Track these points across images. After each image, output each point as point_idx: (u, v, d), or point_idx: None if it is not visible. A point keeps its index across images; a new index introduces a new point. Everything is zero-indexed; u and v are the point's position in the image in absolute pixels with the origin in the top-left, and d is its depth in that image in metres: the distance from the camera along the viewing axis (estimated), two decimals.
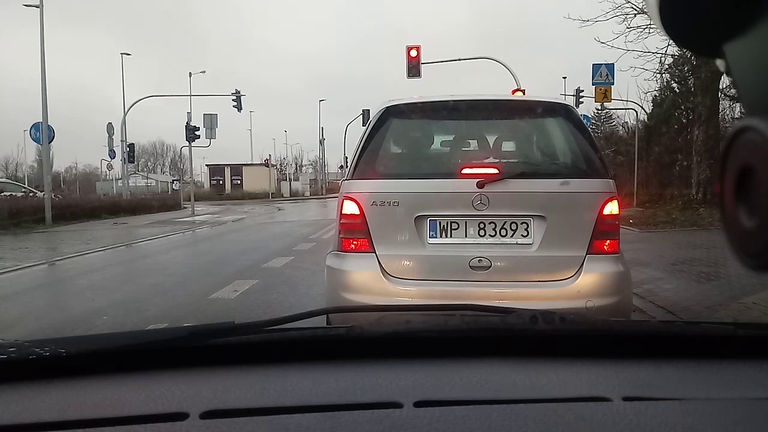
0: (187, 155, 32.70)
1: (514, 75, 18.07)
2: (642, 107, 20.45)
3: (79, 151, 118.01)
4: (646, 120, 20.61)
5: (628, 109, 21.34)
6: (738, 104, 15.43)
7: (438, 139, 3.67)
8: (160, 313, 5.54)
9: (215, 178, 56.04)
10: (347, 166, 4.13)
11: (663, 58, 15.99)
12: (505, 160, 3.33)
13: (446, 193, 2.98)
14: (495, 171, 2.96)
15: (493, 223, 2.95)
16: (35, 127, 18.83)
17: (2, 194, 20.64)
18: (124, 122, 28.51)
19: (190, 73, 36.01)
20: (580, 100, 23.06)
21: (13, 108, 74.82)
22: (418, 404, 0.83)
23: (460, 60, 19.94)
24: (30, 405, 0.88)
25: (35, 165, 62.32)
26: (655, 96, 20.20)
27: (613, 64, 15.97)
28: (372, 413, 0.81)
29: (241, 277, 7.22)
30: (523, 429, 0.76)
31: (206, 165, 59.06)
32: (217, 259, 9.53)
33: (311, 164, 67.71)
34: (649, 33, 14.21)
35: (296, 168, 66.67)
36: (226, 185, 54.29)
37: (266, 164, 53.96)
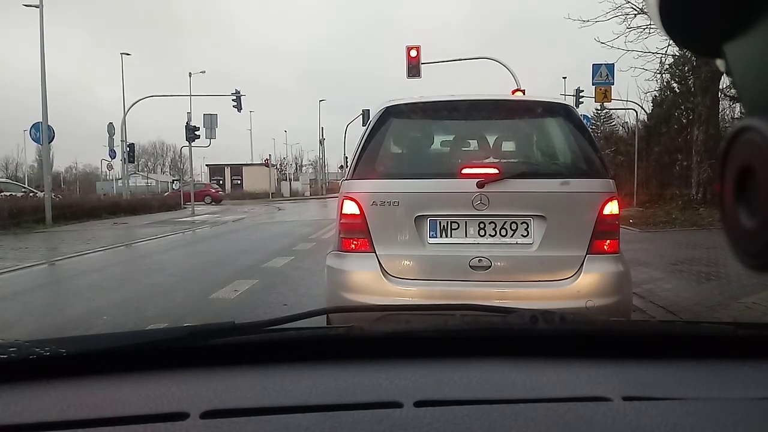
0: (187, 155, 32.70)
1: (514, 75, 18.08)
2: (642, 107, 20.46)
3: (79, 151, 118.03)
4: (646, 120, 20.59)
5: (628, 109, 21.35)
6: (738, 104, 15.43)
7: (438, 139, 3.67)
8: (160, 313, 5.54)
9: (215, 178, 56.07)
10: (347, 166, 4.13)
11: (663, 58, 16.00)
12: (505, 160, 3.33)
13: (446, 193, 2.98)
14: (495, 171, 2.96)
15: (493, 223, 2.95)
16: (35, 127, 18.83)
17: (2, 194, 20.64)
18: (124, 122, 28.53)
19: (190, 73, 36.10)
20: (580, 100, 23.07)
21: (13, 108, 74.87)
22: (418, 404, 0.83)
23: (460, 60, 19.98)
24: (30, 405, 0.88)
25: (35, 165, 62.41)
26: (655, 96, 20.19)
27: (613, 64, 15.97)
28: (372, 413, 0.81)
29: (241, 277, 7.22)
30: (523, 429, 0.76)
31: (206, 165, 59.23)
32: (217, 259, 9.52)
33: (311, 164, 67.75)
34: (649, 33, 14.20)
35: (296, 168, 66.65)
36: (226, 185, 54.34)
37: (266, 164, 53.96)
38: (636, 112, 20.36)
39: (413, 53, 17.68)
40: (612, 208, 2.94)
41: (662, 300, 5.30)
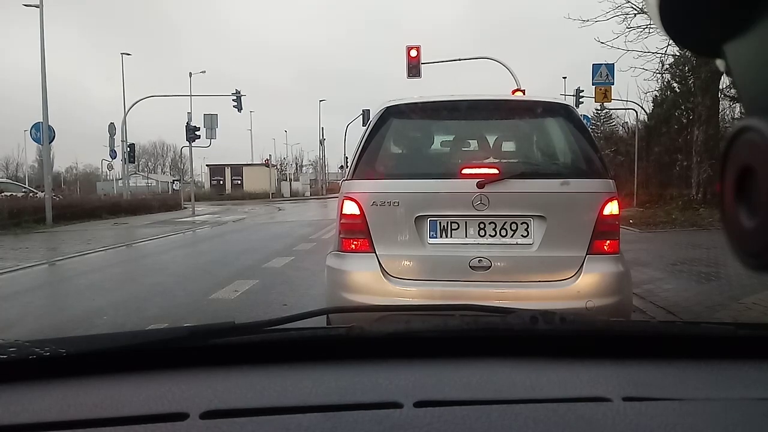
0: (188, 155, 32.72)
1: (514, 75, 18.08)
2: (642, 107, 20.47)
3: (79, 151, 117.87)
4: (646, 120, 20.60)
5: (628, 109, 21.37)
6: (738, 104, 15.43)
7: (438, 139, 3.67)
8: (160, 313, 5.54)
9: (216, 178, 56.04)
10: (347, 166, 4.13)
11: (663, 58, 16.00)
12: (505, 160, 3.33)
13: (446, 193, 2.98)
14: (495, 171, 2.96)
15: (494, 223, 2.95)
16: (36, 127, 18.83)
17: (2, 194, 20.63)
18: (124, 122, 28.52)
19: (190, 73, 36.05)
20: (580, 100, 23.05)
21: (13, 107, 74.90)
22: (418, 404, 0.83)
23: (460, 60, 19.97)
24: (30, 405, 0.88)
25: (35, 165, 62.41)
26: (655, 96, 20.20)
27: (613, 64, 15.98)
28: (372, 413, 0.81)
29: (242, 277, 7.22)
30: (523, 429, 0.76)
31: (206, 165, 59.07)
32: (217, 259, 9.53)
33: (311, 164, 67.73)
34: (649, 33, 14.20)
35: (296, 168, 66.59)
36: (226, 185, 54.28)
37: (266, 164, 53.92)
38: (636, 112, 20.39)
39: (413, 53, 17.68)
40: (612, 208, 2.94)
41: (662, 300, 5.30)
